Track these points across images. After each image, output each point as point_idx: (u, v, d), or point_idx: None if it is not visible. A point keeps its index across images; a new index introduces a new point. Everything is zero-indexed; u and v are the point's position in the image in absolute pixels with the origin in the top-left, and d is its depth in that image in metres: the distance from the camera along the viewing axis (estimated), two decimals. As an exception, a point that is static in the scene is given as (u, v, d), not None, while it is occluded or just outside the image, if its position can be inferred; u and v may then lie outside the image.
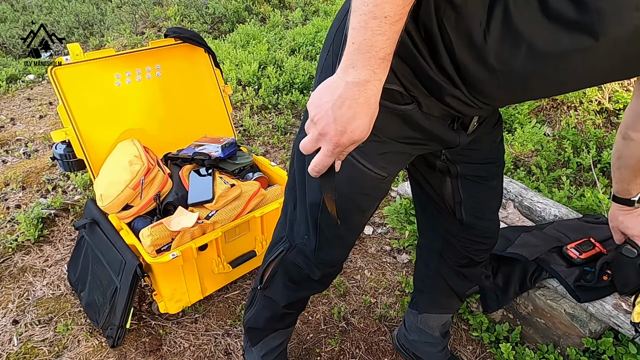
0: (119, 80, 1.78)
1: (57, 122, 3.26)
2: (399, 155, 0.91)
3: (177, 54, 1.90)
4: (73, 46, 1.65)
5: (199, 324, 1.71)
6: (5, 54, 5.02)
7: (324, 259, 1.06)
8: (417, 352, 1.48)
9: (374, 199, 0.97)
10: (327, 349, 1.61)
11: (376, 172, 0.89)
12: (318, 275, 1.09)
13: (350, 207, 0.95)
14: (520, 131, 2.31)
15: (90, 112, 1.72)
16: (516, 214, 1.69)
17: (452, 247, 1.20)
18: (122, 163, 1.63)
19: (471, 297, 1.69)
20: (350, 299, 1.81)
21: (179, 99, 1.95)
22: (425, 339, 1.43)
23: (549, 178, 2.08)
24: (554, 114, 2.62)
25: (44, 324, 1.72)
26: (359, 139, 0.64)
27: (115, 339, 1.55)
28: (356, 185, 0.92)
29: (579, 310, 1.39)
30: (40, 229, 2.16)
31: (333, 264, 1.09)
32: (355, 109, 0.62)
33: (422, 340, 1.44)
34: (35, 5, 6.29)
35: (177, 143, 1.96)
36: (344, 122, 0.62)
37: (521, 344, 1.55)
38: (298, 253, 1.08)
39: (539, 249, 1.39)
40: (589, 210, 1.74)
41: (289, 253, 1.10)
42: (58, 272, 1.96)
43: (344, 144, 0.64)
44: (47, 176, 2.61)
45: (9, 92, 3.81)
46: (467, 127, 0.91)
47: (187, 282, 1.64)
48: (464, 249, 1.18)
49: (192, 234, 1.56)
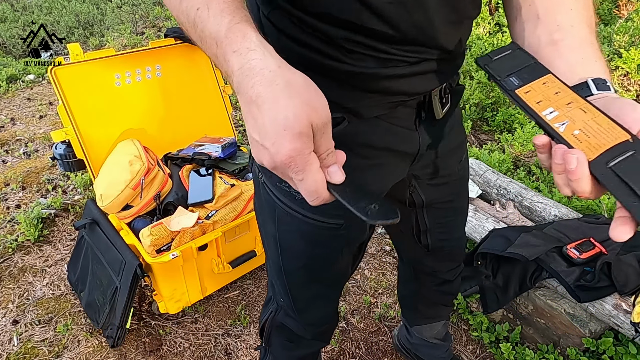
0: (119, 80, 1.78)
1: (57, 122, 3.26)
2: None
3: (177, 54, 1.90)
4: (73, 46, 1.65)
5: (199, 324, 1.71)
6: (5, 54, 5.02)
7: (310, 320, 1.01)
8: (419, 353, 1.47)
9: (339, 249, 0.86)
10: (327, 349, 1.61)
11: (328, 222, 0.78)
12: (310, 336, 1.04)
13: (316, 264, 0.87)
14: (520, 131, 2.31)
15: (90, 112, 1.72)
16: (516, 214, 1.69)
17: (422, 271, 1.16)
18: (122, 163, 1.63)
19: (471, 297, 1.69)
20: (350, 299, 1.81)
21: (179, 99, 1.95)
22: (426, 344, 1.43)
23: (549, 178, 2.08)
24: (554, 114, 2.62)
25: (44, 324, 1.72)
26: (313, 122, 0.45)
27: (115, 339, 1.55)
28: (311, 240, 0.82)
29: (579, 310, 1.39)
30: (40, 229, 2.16)
31: (321, 322, 1.04)
32: (264, 106, 0.44)
33: (423, 344, 1.44)
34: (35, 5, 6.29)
35: (177, 143, 1.96)
36: (268, 130, 0.44)
37: (521, 344, 1.55)
38: (285, 315, 1.02)
39: (539, 249, 1.39)
40: (589, 210, 1.74)
41: (278, 315, 1.05)
42: (58, 272, 1.96)
43: (298, 148, 0.44)
44: (47, 176, 2.61)
45: (9, 92, 3.81)
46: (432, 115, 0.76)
47: (187, 282, 1.64)
48: (435, 272, 1.15)
49: (192, 234, 1.56)
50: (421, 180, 0.89)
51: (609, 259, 1.31)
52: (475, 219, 1.65)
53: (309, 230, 0.80)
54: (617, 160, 0.44)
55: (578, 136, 0.47)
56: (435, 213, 0.96)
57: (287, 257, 0.88)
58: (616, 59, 2.52)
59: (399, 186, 0.87)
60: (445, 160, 0.87)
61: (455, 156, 0.91)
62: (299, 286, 0.93)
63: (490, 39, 3.13)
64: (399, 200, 0.93)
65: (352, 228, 0.82)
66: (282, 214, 0.81)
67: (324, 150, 0.48)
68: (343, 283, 1.01)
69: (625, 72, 2.49)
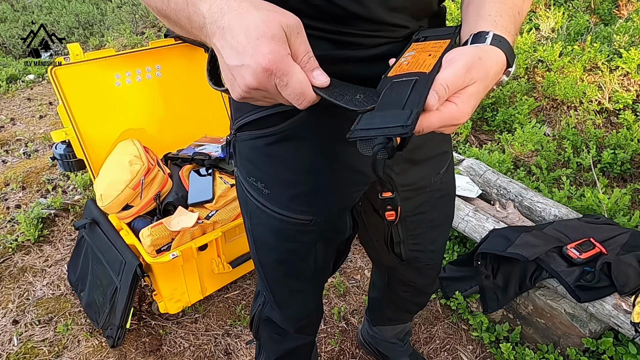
0: (119, 80, 1.78)
1: (57, 122, 3.26)
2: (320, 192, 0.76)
3: (177, 54, 1.90)
4: (73, 46, 1.65)
5: (199, 324, 1.71)
6: (5, 54, 5.02)
7: (291, 314, 1.01)
8: (379, 347, 1.49)
9: (311, 244, 0.84)
10: (327, 349, 1.61)
11: (294, 218, 0.78)
12: (292, 329, 1.04)
13: (288, 258, 0.86)
14: (520, 131, 2.31)
15: (90, 112, 1.72)
16: (516, 214, 1.69)
17: (397, 280, 1.14)
18: (122, 163, 1.63)
19: (471, 297, 1.69)
20: (350, 299, 1.81)
21: (179, 99, 1.95)
22: (386, 341, 1.46)
23: (549, 178, 2.08)
24: (554, 114, 2.62)
25: (44, 324, 1.72)
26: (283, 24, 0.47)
27: (115, 339, 1.55)
28: (280, 235, 0.82)
29: (579, 310, 1.39)
30: (40, 229, 2.16)
31: (302, 317, 1.03)
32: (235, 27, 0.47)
33: (382, 339, 1.46)
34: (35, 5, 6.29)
35: (177, 143, 1.96)
36: (244, 46, 0.46)
37: (521, 344, 1.55)
38: (271, 308, 1.03)
39: (539, 249, 1.39)
40: (589, 210, 1.74)
41: (265, 308, 1.06)
42: (58, 272, 1.96)
43: (275, 50, 0.46)
44: (47, 176, 2.61)
45: (9, 92, 3.81)
46: None
47: (187, 282, 1.64)
48: (410, 282, 1.12)
49: (192, 234, 1.56)
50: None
51: (609, 259, 1.31)
52: (475, 219, 1.65)
53: (278, 225, 0.80)
54: (399, 80, 0.52)
55: (402, 63, 0.56)
56: (408, 225, 0.93)
57: (261, 250, 0.89)
58: (616, 59, 2.52)
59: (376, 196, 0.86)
60: (420, 168, 0.83)
61: (433, 167, 0.86)
62: (275, 280, 0.93)
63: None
64: (376, 212, 0.91)
65: (325, 223, 0.80)
66: (253, 208, 0.81)
67: (302, 53, 0.49)
68: (323, 278, 0.99)
69: (625, 72, 2.49)
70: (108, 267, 1.59)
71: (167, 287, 1.60)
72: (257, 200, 0.79)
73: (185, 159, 1.86)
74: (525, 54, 2.81)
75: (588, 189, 1.82)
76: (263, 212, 0.79)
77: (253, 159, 0.76)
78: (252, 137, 0.73)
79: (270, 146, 0.72)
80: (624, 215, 1.67)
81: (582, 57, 2.60)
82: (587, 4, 3.26)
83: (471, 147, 2.34)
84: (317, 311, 1.09)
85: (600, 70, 2.58)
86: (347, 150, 0.71)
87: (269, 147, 0.72)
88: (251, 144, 0.74)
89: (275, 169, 0.74)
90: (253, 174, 0.77)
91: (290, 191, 0.75)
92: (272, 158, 0.73)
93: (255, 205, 0.80)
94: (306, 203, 0.77)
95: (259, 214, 0.81)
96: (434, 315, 1.72)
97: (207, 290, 1.75)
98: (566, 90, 2.50)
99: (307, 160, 0.72)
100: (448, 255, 1.84)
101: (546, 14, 3.09)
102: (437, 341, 1.63)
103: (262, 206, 0.79)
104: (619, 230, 1.45)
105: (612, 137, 2.22)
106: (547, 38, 3.04)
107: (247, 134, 0.73)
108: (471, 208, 1.70)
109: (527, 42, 2.88)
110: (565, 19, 3.05)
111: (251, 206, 0.82)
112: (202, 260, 1.64)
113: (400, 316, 1.34)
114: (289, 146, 0.71)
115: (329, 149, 0.71)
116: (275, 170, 0.74)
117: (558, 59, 2.67)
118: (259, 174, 0.76)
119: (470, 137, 2.62)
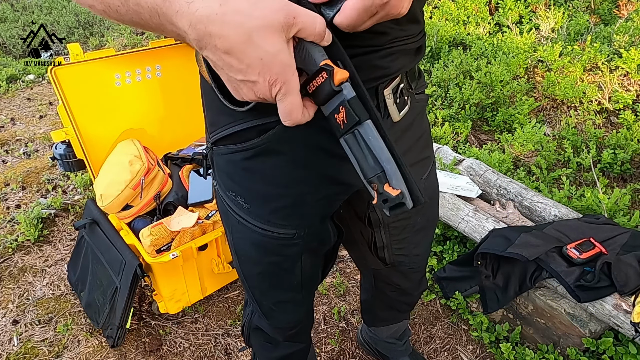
0: (119, 80, 1.77)
1: (57, 122, 3.26)
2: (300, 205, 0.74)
3: (177, 54, 1.90)
4: (73, 46, 1.65)
5: (199, 324, 1.71)
6: (5, 54, 5.02)
7: (278, 324, 1.00)
8: (379, 347, 1.50)
9: (295, 257, 0.83)
10: (327, 349, 1.61)
11: (276, 232, 0.76)
12: (282, 338, 1.04)
13: (272, 271, 0.85)
14: (520, 131, 2.31)
15: (90, 112, 1.72)
16: (516, 214, 1.69)
17: (383, 281, 1.15)
18: (122, 163, 1.63)
19: (471, 297, 1.69)
20: (350, 299, 1.81)
21: (179, 99, 1.95)
22: (384, 341, 1.46)
23: (549, 178, 2.08)
24: (554, 114, 2.62)
25: (44, 324, 1.72)
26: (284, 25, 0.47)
27: (115, 339, 1.55)
28: (262, 249, 0.81)
29: (579, 310, 1.39)
30: (40, 229, 2.16)
31: (291, 326, 1.02)
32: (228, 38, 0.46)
33: (381, 339, 1.46)
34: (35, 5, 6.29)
35: (177, 143, 1.96)
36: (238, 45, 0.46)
37: (521, 344, 1.55)
38: (259, 317, 1.02)
39: (539, 249, 1.39)
40: (589, 210, 1.74)
41: (254, 317, 1.06)
42: (58, 272, 1.96)
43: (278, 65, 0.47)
44: (47, 176, 2.61)
45: (9, 92, 3.81)
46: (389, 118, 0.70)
47: (187, 282, 1.64)
48: (395, 285, 1.13)
49: (192, 234, 1.56)
50: None
51: (609, 259, 1.31)
52: (475, 219, 1.65)
53: (260, 239, 0.78)
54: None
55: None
56: (392, 231, 0.94)
57: (245, 264, 0.87)
58: (616, 59, 2.52)
59: (358, 202, 0.87)
60: None
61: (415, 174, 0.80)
62: (261, 291, 0.92)
63: (490, 39, 3.13)
64: (359, 218, 0.92)
65: (309, 236, 0.79)
66: (234, 222, 0.80)
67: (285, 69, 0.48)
68: (313, 286, 0.98)
69: (625, 72, 2.49)
70: (108, 267, 1.59)
71: (167, 287, 1.60)
72: (238, 215, 0.78)
73: (185, 159, 1.86)
74: (525, 54, 2.81)
75: (588, 189, 1.82)
76: (244, 227, 0.78)
77: (231, 174, 0.74)
78: (229, 152, 0.71)
79: (247, 160, 0.70)
80: (624, 215, 1.67)
81: (582, 57, 2.61)
82: (587, 4, 3.26)
83: (471, 147, 2.34)
84: (308, 319, 1.08)
85: (600, 70, 2.58)
86: (326, 162, 0.70)
87: (246, 161, 0.70)
88: (228, 158, 0.72)
89: (254, 183, 0.73)
90: (232, 189, 0.76)
91: (270, 205, 0.74)
92: (250, 172, 0.71)
93: (236, 220, 0.79)
94: (287, 217, 0.75)
95: (240, 228, 0.80)
96: (434, 315, 1.72)
97: (207, 290, 1.75)
98: (566, 90, 2.50)
99: (286, 174, 0.71)
100: (448, 255, 1.84)
101: (546, 14, 3.09)
102: (437, 341, 1.63)
103: (243, 220, 0.77)
104: (619, 230, 1.45)
105: (612, 137, 2.22)
106: (547, 38, 3.04)
107: (224, 148, 0.72)
108: (471, 208, 1.70)
109: (527, 42, 2.88)
110: (565, 19, 3.05)
111: (232, 220, 0.80)
112: (202, 260, 1.64)
113: (392, 316, 1.34)
114: (266, 160, 0.69)
115: (307, 161, 0.69)
116: (254, 184, 0.73)
117: (558, 59, 2.67)
118: (238, 189, 0.75)
119: (470, 137, 2.62)
